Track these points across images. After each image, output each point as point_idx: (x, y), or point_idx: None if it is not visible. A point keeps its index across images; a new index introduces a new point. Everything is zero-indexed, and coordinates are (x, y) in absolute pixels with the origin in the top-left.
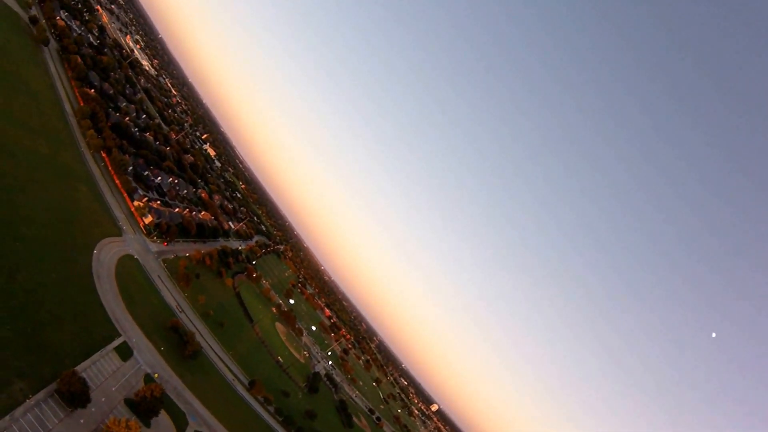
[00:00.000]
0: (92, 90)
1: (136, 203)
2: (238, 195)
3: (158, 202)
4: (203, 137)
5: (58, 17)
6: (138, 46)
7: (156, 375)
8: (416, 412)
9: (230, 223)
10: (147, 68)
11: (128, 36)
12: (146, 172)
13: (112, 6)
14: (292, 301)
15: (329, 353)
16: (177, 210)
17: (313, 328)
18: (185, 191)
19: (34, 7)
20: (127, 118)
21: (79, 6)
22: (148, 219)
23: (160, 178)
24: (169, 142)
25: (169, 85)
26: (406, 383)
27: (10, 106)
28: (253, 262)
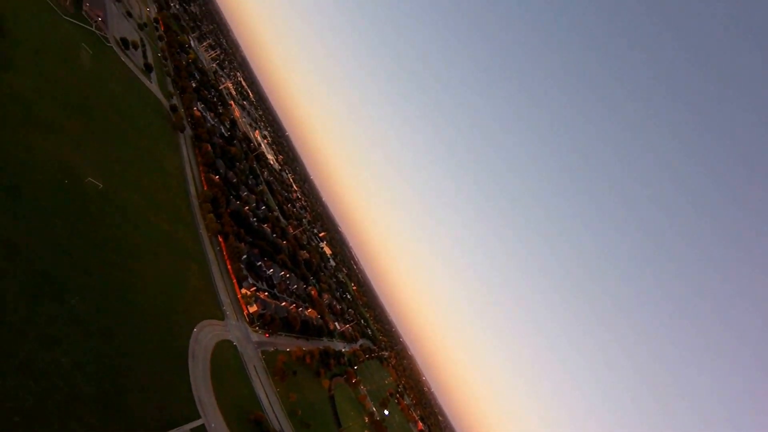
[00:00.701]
0: (217, 177)
1: (243, 291)
2: (348, 296)
3: (266, 293)
4: (320, 235)
5: (195, 108)
6: (265, 141)
7: None
8: None
9: (336, 323)
10: (272, 162)
11: (257, 131)
12: (259, 263)
13: (245, 102)
14: (386, 412)
15: None
16: (284, 304)
17: None
18: (295, 286)
19: (175, 97)
20: (247, 208)
21: (215, 100)
22: (254, 308)
23: (272, 270)
24: (286, 235)
25: (291, 180)
26: None
27: (142, 181)
28: (355, 367)
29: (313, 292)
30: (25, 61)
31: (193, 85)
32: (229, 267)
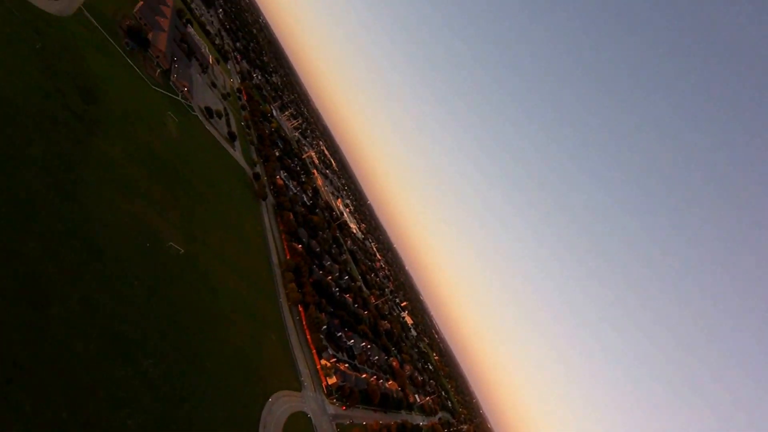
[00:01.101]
0: (300, 245)
1: (323, 362)
2: (430, 367)
3: (346, 364)
4: (402, 304)
5: (278, 176)
6: (348, 210)
7: None
8: None
9: (416, 396)
10: (354, 231)
11: (339, 199)
12: (340, 333)
13: (327, 171)
14: None
15: None
16: (364, 375)
17: None
18: (376, 357)
19: (258, 165)
20: (330, 278)
21: (298, 168)
22: (332, 380)
23: (353, 341)
24: (367, 306)
25: (374, 249)
26: None
27: (224, 247)
28: None
29: (394, 364)
30: (115, 128)
31: (276, 153)
32: (308, 337)
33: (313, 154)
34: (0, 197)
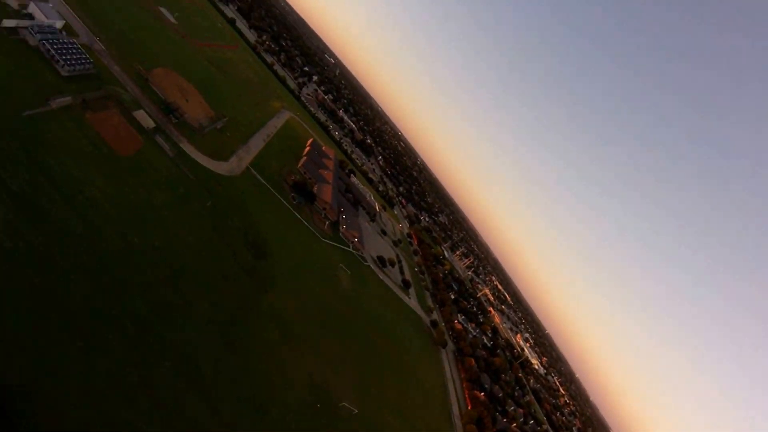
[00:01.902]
0: (482, 393)
1: None
2: None
3: None
4: None
5: (456, 320)
6: (528, 345)
7: None
8: None
9: None
10: (536, 367)
11: (518, 335)
12: None
13: (503, 306)
14: None
15: None
16: None
17: None
18: None
19: (434, 312)
20: (514, 424)
21: (474, 309)
22: None
23: None
24: None
25: (557, 383)
26: None
27: (401, 401)
28: None
29: None
30: (286, 283)
31: (452, 296)
32: None
33: (487, 291)
34: (165, 350)
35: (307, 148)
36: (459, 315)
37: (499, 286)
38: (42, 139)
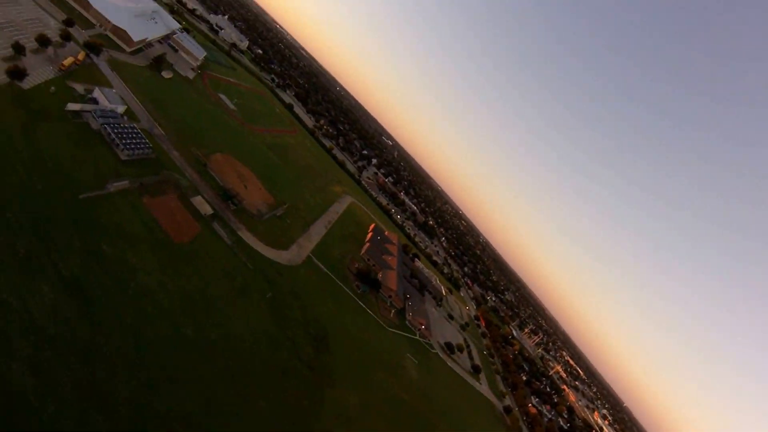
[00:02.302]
0: None
1: None
2: None
3: None
4: None
5: (529, 404)
6: (606, 422)
7: None
8: None
9: None
10: None
11: (596, 412)
12: None
13: (576, 382)
14: None
15: None
16: None
17: None
18: None
19: (507, 396)
20: None
21: (548, 389)
22: None
23: None
24: None
25: None
26: None
27: None
28: None
29: None
30: (350, 376)
31: (524, 377)
32: None
33: (559, 368)
34: None
35: (370, 234)
36: (533, 397)
37: (571, 361)
38: (97, 223)
